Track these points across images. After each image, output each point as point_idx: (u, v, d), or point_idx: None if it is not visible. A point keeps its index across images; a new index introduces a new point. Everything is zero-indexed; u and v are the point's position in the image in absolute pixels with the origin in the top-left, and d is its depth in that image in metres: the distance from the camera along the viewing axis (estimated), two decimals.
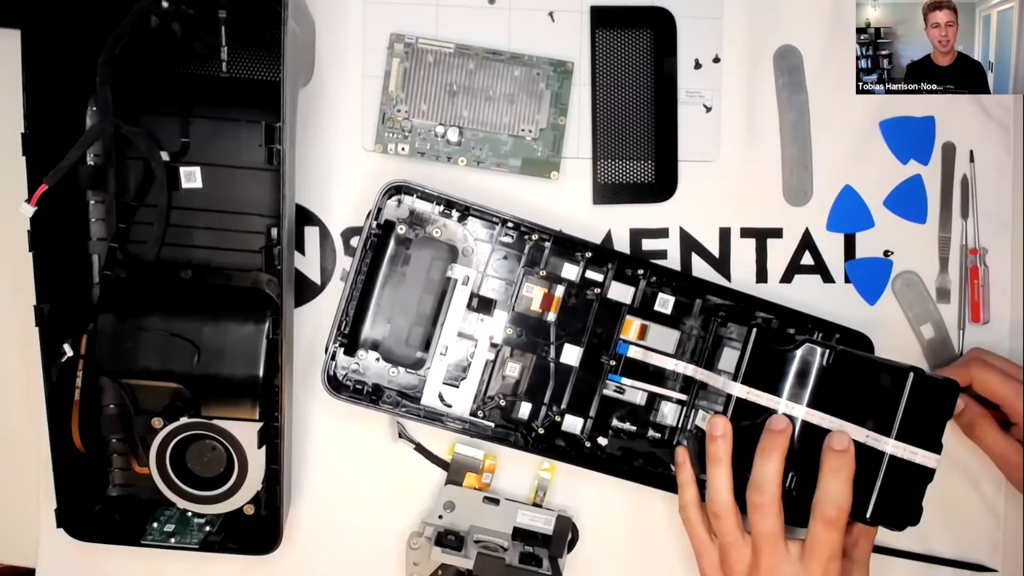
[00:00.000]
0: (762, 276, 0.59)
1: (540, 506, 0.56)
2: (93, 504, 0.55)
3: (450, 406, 0.54)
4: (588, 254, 0.54)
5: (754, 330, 0.50)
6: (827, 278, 0.59)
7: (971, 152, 0.59)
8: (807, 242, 0.59)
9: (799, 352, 0.49)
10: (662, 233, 0.58)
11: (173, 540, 0.53)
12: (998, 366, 0.54)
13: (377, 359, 0.53)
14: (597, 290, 0.54)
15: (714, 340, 0.54)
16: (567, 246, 0.54)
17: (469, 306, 0.53)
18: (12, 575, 0.59)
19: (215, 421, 0.51)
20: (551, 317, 0.54)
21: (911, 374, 0.48)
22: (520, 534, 0.55)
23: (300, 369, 0.56)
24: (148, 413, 0.52)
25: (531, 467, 0.57)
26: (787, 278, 0.59)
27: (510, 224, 0.53)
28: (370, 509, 0.57)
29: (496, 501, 0.56)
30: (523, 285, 0.54)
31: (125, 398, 0.53)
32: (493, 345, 0.54)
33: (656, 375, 0.55)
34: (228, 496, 0.52)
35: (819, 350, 0.49)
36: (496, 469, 0.56)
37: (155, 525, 0.54)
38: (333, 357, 0.53)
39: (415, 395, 0.54)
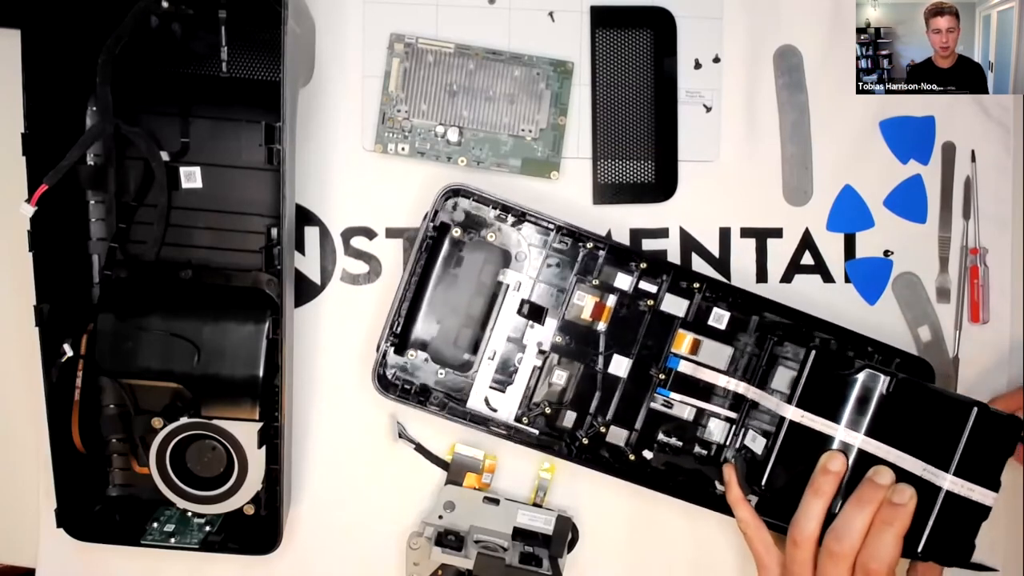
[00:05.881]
0: (762, 276, 0.59)
1: (540, 506, 0.56)
2: (93, 504, 0.55)
3: (495, 410, 0.54)
4: (643, 264, 0.53)
5: (812, 352, 0.48)
6: (827, 278, 0.59)
7: (972, 152, 0.59)
8: (807, 242, 0.59)
9: (860, 378, 0.48)
10: (662, 233, 0.58)
11: (173, 540, 0.53)
12: None
13: (426, 359, 0.53)
14: (650, 301, 0.53)
15: (769, 358, 0.53)
16: (621, 255, 0.53)
17: (520, 312, 0.53)
18: (12, 575, 0.59)
19: (215, 421, 0.51)
20: (601, 327, 0.54)
21: (974, 409, 0.47)
22: (520, 534, 0.55)
23: (300, 369, 0.56)
24: (148, 413, 0.52)
25: (531, 467, 0.57)
26: (787, 278, 0.59)
27: (565, 231, 0.53)
28: (370, 509, 0.57)
29: (496, 501, 0.55)
30: (575, 293, 0.53)
31: (125, 398, 0.53)
32: (541, 352, 0.54)
33: (706, 391, 0.54)
34: (228, 496, 0.52)
35: (882, 377, 0.47)
36: (496, 469, 0.56)
37: (155, 525, 0.54)
38: (384, 356, 0.52)
39: (462, 397, 0.54)
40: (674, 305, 0.54)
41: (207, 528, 0.54)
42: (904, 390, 0.47)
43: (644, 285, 0.53)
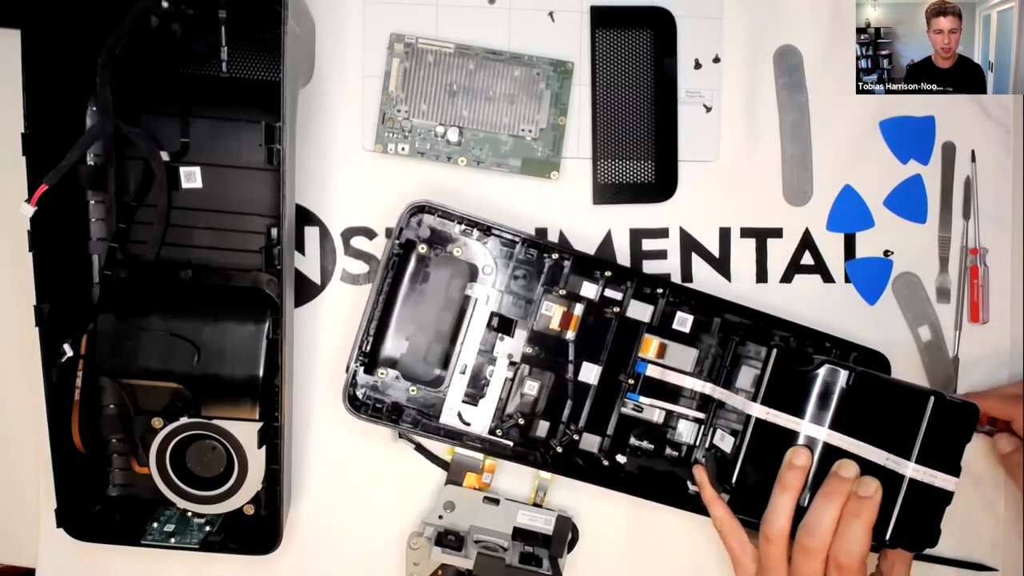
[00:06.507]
0: (762, 276, 0.59)
1: (540, 506, 0.56)
2: (93, 504, 0.55)
3: (468, 424, 0.54)
4: (607, 273, 0.54)
5: (774, 351, 0.49)
6: (827, 278, 0.59)
7: (972, 152, 0.59)
8: (807, 242, 0.59)
9: (821, 373, 0.49)
10: (662, 233, 0.58)
11: (173, 540, 0.53)
12: None
13: (396, 377, 0.54)
14: (616, 309, 0.54)
15: (732, 358, 0.54)
16: (586, 265, 0.54)
17: (489, 325, 0.54)
18: (12, 575, 0.59)
19: (215, 421, 0.51)
20: (570, 336, 0.54)
21: (931, 398, 0.48)
22: (520, 534, 0.55)
23: (300, 369, 0.56)
24: (148, 413, 0.52)
25: (531, 468, 0.57)
26: (787, 278, 0.59)
27: (530, 243, 0.53)
28: (370, 509, 0.57)
29: (496, 501, 0.55)
30: (542, 304, 0.54)
31: (125, 398, 0.53)
32: (512, 363, 0.54)
33: (674, 393, 0.55)
34: (228, 496, 0.52)
35: (842, 372, 0.48)
36: (496, 469, 0.56)
37: (155, 525, 0.54)
38: (354, 377, 0.53)
39: (434, 413, 0.54)
40: (639, 311, 0.54)
41: (207, 528, 0.54)
42: (863, 383, 0.49)
43: (609, 293, 0.54)
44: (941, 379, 0.59)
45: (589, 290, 0.54)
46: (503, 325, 0.54)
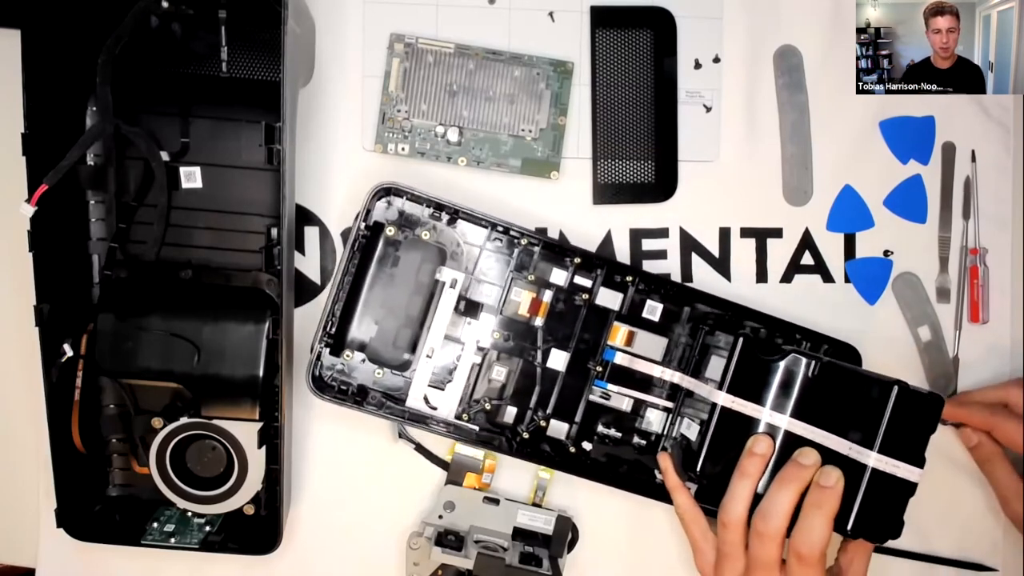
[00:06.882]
0: (762, 276, 0.59)
1: (540, 506, 0.56)
2: (93, 504, 0.55)
3: (435, 408, 0.54)
4: (577, 260, 0.54)
5: (740, 339, 0.50)
6: (827, 278, 0.59)
7: (973, 152, 0.59)
8: (807, 242, 0.59)
9: (783, 362, 0.49)
10: (662, 233, 0.58)
11: (173, 540, 0.53)
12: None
13: (363, 360, 0.53)
14: (585, 296, 0.54)
15: (701, 348, 0.54)
16: (556, 251, 0.54)
17: (456, 309, 0.53)
18: (12, 575, 0.59)
19: (215, 421, 0.51)
20: (539, 322, 0.54)
21: (895, 387, 0.48)
22: (520, 534, 0.55)
23: (300, 369, 0.56)
24: (148, 413, 0.52)
25: (531, 467, 0.57)
26: (787, 278, 0.59)
27: (500, 228, 0.53)
28: (370, 509, 0.57)
29: (496, 501, 0.56)
30: (511, 289, 0.54)
31: (125, 398, 0.53)
32: (480, 349, 0.54)
33: (642, 382, 0.55)
34: (228, 496, 0.52)
35: (804, 361, 0.48)
36: (496, 469, 0.56)
37: (155, 525, 0.54)
38: (318, 357, 0.53)
39: (400, 397, 0.54)
40: (609, 299, 0.54)
41: (207, 528, 0.54)
42: (828, 373, 0.49)
43: (579, 280, 0.54)
44: (941, 379, 0.59)
45: (559, 276, 0.54)
46: (471, 309, 0.54)
